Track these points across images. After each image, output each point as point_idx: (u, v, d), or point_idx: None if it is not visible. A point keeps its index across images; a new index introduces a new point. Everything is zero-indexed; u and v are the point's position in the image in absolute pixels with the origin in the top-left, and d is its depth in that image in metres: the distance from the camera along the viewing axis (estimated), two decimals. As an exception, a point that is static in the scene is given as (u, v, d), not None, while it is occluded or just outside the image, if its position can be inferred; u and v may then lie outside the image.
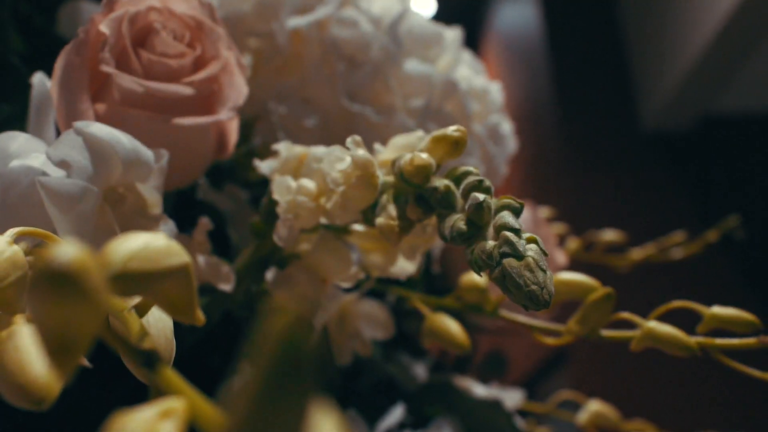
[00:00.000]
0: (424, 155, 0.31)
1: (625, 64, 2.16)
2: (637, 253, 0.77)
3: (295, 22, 0.49)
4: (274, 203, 0.37)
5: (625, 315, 0.39)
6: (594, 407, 0.60)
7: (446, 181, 0.31)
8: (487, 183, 0.29)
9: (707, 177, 2.04)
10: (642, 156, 2.04)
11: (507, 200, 0.28)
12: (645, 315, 0.39)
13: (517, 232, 0.27)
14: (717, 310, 0.39)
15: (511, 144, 0.58)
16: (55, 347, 0.15)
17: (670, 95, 1.93)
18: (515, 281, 0.25)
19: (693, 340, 0.37)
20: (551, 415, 0.64)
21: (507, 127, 0.58)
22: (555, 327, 0.41)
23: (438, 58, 0.53)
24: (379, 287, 0.48)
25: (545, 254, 0.26)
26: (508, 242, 0.26)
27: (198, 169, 0.40)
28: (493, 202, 0.29)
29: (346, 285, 0.38)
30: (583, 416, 0.60)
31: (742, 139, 2.09)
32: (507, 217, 0.27)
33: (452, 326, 0.42)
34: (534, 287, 0.25)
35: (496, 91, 0.57)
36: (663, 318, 0.39)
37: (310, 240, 0.38)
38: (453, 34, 0.55)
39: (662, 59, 1.96)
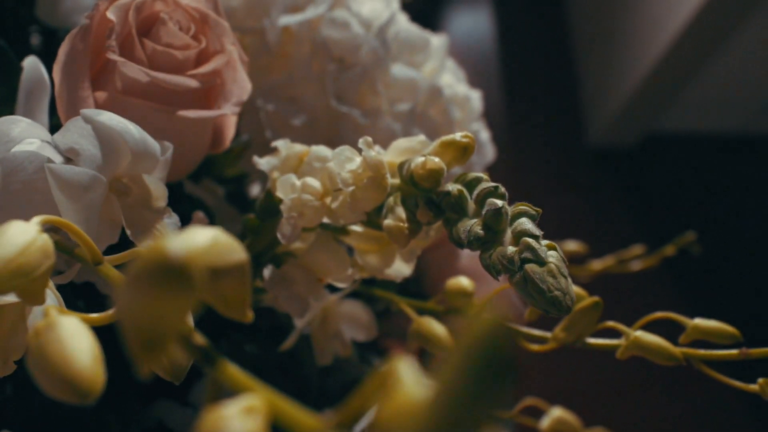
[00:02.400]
0: (437, 159, 0.31)
1: (574, 79, 2.20)
2: (597, 265, 0.79)
3: (286, 20, 0.49)
4: (272, 200, 0.37)
5: (612, 324, 0.40)
6: (556, 414, 0.61)
7: (459, 186, 0.31)
8: (502, 190, 0.30)
9: (650, 193, 2.09)
10: (587, 170, 2.08)
11: (523, 207, 0.29)
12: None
13: (537, 238, 0.27)
14: (700, 321, 0.40)
15: (490, 152, 0.59)
16: (146, 340, 0.14)
17: (617, 112, 1.97)
18: (538, 286, 0.26)
19: (678, 350, 0.38)
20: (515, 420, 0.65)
21: (485, 135, 0.59)
22: (541, 334, 0.41)
23: (423, 63, 0.54)
24: (360, 288, 0.48)
25: (566, 262, 0.27)
26: (530, 248, 0.26)
27: (193, 163, 0.39)
28: (510, 208, 0.29)
29: (341, 285, 0.38)
30: (545, 423, 0.61)
31: (684, 157, 2.15)
32: (527, 223, 0.28)
33: (439, 330, 0.42)
34: (557, 293, 0.25)
35: (476, 99, 0.57)
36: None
37: (304, 239, 0.38)
38: (439, 41, 0.55)
39: (610, 77, 2.01)
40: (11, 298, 0.25)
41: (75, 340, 0.19)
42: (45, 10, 0.53)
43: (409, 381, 0.12)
